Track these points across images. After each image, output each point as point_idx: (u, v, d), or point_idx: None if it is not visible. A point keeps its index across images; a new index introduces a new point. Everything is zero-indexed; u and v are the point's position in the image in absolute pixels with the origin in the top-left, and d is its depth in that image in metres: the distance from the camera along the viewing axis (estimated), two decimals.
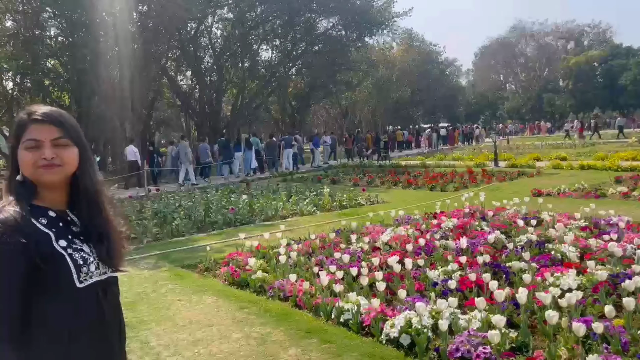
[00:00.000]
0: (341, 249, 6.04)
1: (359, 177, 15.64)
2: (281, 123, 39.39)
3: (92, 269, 1.38)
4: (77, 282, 1.34)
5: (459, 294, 4.29)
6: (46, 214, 1.36)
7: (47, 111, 1.40)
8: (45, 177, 1.36)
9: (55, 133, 1.37)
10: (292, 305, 4.59)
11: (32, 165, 1.34)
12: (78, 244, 1.38)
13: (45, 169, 1.34)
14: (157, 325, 4.23)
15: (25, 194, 1.35)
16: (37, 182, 1.37)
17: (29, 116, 1.38)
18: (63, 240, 1.35)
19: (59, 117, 1.40)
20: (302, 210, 9.91)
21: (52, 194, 1.40)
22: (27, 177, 1.36)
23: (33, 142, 1.34)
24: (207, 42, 30.37)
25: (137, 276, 5.86)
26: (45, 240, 1.32)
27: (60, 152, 1.37)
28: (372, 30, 33.31)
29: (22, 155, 1.35)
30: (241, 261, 5.84)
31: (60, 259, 1.32)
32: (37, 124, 1.36)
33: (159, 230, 8.32)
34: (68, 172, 1.40)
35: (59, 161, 1.36)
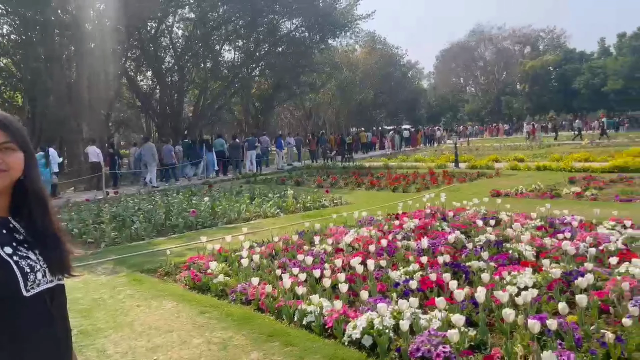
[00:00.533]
0: (304, 251, 6.02)
1: (323, 179, 15.68)
2: (245, 124, 39.06)
3: (39, 277, 1.32)
4: (24, 291, 1.29)
5: (420, 294, 4.35)
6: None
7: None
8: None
9: (1, 137, 1.32)
10: (254, 308, 4.54)
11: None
12: (23, 251, 1.33)
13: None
14: (114, 332, 4.10)
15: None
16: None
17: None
18: (8, 247, 1.30)
19: (3, 121, 1.35)
20: (265, 213, 9.85)
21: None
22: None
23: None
24: (168, 42, 29.80)
25: (94, 282, 5.68)
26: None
27: (6, 157, 1.32)
28: (335, 33, 33.46)
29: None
30: (202, 265, 5.74)
31: (5, 266, 1.27)
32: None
33: (117, 235, 8.10)
34: (13, 178, 1.34)
35: (5, 166, 1.31)
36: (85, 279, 5.83)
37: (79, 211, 10.08)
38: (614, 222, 6.39)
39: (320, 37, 32.78)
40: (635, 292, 3.98)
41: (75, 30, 19.49)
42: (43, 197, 1.42)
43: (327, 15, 30.38)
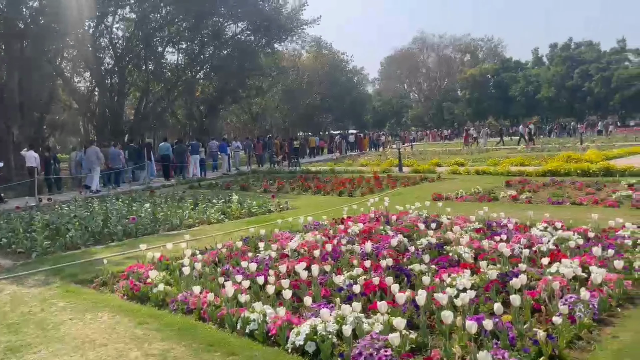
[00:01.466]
0: (249, 258, 5.94)
1: (270, 184, 15.58)
2: (189, 128, 38.26)
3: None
4: None
5: (363, 298, 4.38)
6: None
7: None
8: None
9: None
10: (196, 318, 4.42)
11: None
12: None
13: None
14: (45, 348, 3.87)
15: None
16: None
17: None
18: None
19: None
20: (209, 219, 9.65)
21: None
22: None
23: None
24: (108, 43, 28.75)
25: (24, 294, 5.35)
26: None
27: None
28: (280, 37, 33.51)
29: None
30: (142, 274, 5.54)
31: None
32: None
33: (50, 244, 7.68)
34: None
35: None
36: (13, 291, 5.49)
37: (9, 219, 9.51)
38: (546, 224, 6.70)
39: (266, 41, 32.71)
40: (565, 291, 4.18)
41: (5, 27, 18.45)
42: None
43: (272, 20, 30.34)
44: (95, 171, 16.23)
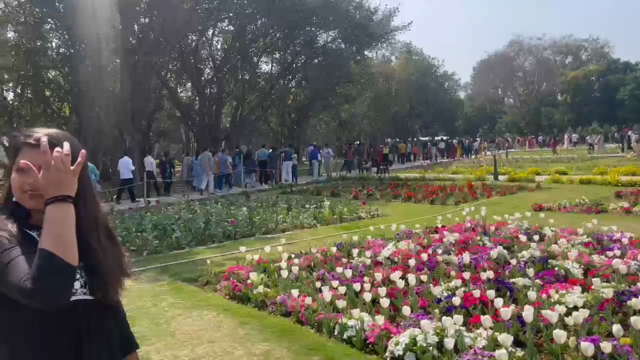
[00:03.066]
0: (343, 264, 6.00)
1: (359, 190, 15.62)
2: (280, 135, 39.47)
3: (76, 287, 1.30)
4: None
5: (463, 311, 4.26)
6: (38, 230, 1.30)
7: (42, 136, 1.32)
8: (28, 203, 1.33)
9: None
10: (294, 321, 4.54)
11: (19, 190, 1.33)
12: None
13: (30, 195, 1.31)
14: (158, 341, 4.17)
15: (19, 213, 1.34)
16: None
17: (24, 139, 1.36)
18: None
19: (54, 142, 1.32)
20: (302, 224, 9.87)
21: (42, 216, 1.34)
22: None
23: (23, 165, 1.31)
24: (208, 54, 30.52)
25: (138, 290, 5.80)
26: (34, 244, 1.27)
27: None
28: (371, 44, 33.59)
29: (13, 178, 1.34)
30: (242, 275, 5.78)
31: None
32: (29, 148, 1.33)
33: (158, 243, 8.26)
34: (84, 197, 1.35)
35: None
36: (129, 286, 5.95)
37: (123, 219, 10.36)
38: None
39: (356, 49, 32.90)
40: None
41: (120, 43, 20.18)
42: (88, 222, 1.39)
43: (363, 27, 30.48)
44: (208, 175, 17.63)
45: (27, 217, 1.36)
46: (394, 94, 48.74)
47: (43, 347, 1.30)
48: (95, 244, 1.39)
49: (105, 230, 1.45)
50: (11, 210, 1.35)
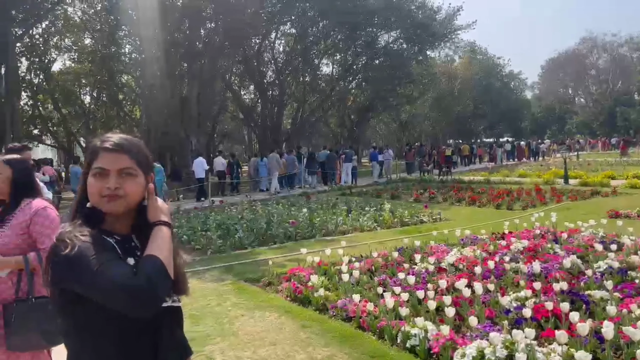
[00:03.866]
0: (405, 269, 5.88)
1: (420, 193, 15.33)
2: (340, 136, 39.54)
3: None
4: None
5: (533, 324, 4.04)
6: (112, 236, 1.37)
7: (119, 140, 1.39)
8: (106, 207, 1.35)
9: (124, 163, 1.36)
10: (355, 326, 4.49)
11: (97, 194, 1.34)
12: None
13: (108, 200, 1.34)
14: (221, 341, 4.25)
15: (93, 218, 1.36)
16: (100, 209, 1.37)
17: (101, 144, 1.38)
18: (131, 258, 1.34)
19: (130, 147, 1.39)
20: (362, 226, 9.80)
21: (117, 221, 1.40)
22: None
23: (101, 170, 1.35)
24: (270, 57, 31.07)
25: (202, 289, 5.96)
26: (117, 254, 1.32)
27: (125, 183, 1.35)
28: (433, 44, 32.99)
29: (90, 183, 1.35)
30: (303, 277, 5.80)
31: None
32: (107, 153, 1.36)
33: (222, 243, 8.46)
34: (130, 204, 1.38)
35: (122, 192, 1.35)
36: (193, 285, 6.13)
37: (188, 219, 10.70)
38: None
39: (418, 49, 32.43)
40: None
41: (188, 48, 20.94)
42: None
43: (425, 27, 29.99)
44: (274, 175, 18.22)
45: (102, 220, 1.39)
46: (457, 94, 47.58)
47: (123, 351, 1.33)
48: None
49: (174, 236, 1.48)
50: (85, 215, 1.37)
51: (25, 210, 2.56)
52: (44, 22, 24.63)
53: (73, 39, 27.49)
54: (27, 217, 2.54)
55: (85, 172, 1.40)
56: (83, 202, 1.40)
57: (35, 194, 2.67)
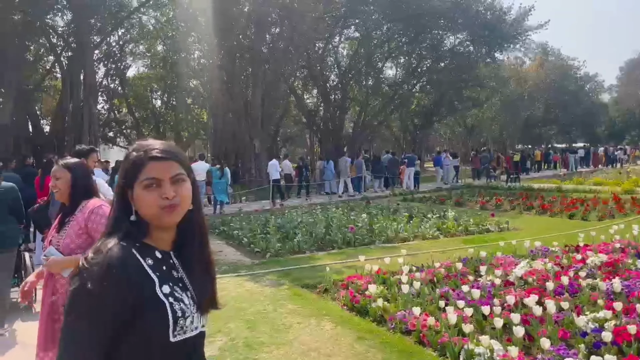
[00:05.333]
0: (469, 282, 5.58)
1: (486, 200, 14.70)
2: (402, 140, 38.91)
3: (187, 323, 1.28)
4: (171, 336, 1.24)
5: (614, 349, 3.67)
6: (153, 254, 1.29)
7: (165, 147, 1.33)
8: (167, 218, 1.29)
9: (174, 169, 1.30)
10: (415, 340, 4.27)
11: (154, 206, 1.27)
12: (179, 292, 1.29)
13: (168, 210, 1.27)
14: (276, 349, 4.16)
15: (136, 233, 1.29)
16: (154, 222, 1.30)
17: (146, 154, 1.30)
18: (166, 286, 1.27)
19: (176, 152, 1.34)
20: (424, 234, 9.48)
21: (164, 234, 1.33)
22: (139, 216, 1.29)
23: (153, 180, 1.27)
24: (333, 61, 31.11)
25: (259, 293, 5.93)
26: (150, 285, 1.24)
27: (179, 189, 1.29)
28: (502, 46, 31.70)
29: (142, 196, 1.27)
30: (361, 285, 5.63)
31: (160, 307, 1.24)
32: (155, 162, 1.29)
33: (281, 246, 8.45)
34: (185, 209, 1.32)
35: (179, 200, 1.29)
36: (251, 289, 6.13)
37: (249, 221, 10.81)
38: None
39: (486, 51, 31.29)
40: None
41: (253, 53, 21.34)
42: (205, 227, 1.42)
43: (494, 28, 28.88)
44: (346, 178, 18.34)
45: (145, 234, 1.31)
46: (527, 97, 45.57)
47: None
48: (206, 252, 1.42)
49: (207, 236, 1.45)
50: (126, 231, 1.29)
51: (83, 210, 2.71)
52: (120, 30, 25.99)
53: (146, 45, 28.85)
54: (84, 217, 2.67)
55: (123, 184, 1.31)
56: (120, 216, 1.32)
57: (92, 195, 2.76)
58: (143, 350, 1.22)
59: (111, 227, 1.32)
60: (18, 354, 4.37)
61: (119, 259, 1.21)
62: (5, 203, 5.03)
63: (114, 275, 1.18)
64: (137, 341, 1.22)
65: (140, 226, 1.30)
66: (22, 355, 4.27)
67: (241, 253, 8.53)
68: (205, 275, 1.40)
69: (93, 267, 1.19)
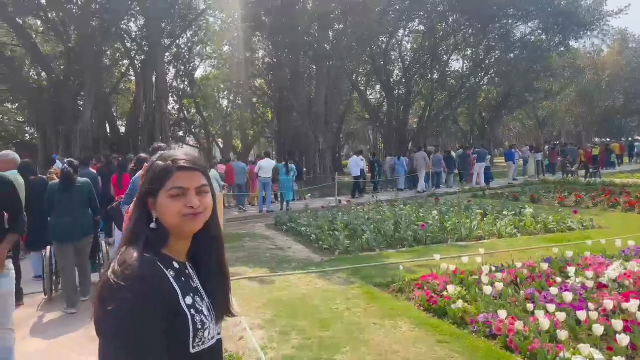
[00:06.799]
0: (555, 283, 5.18)
1: (564, 196, 13.84)
2: (470, 135, 37.67)
3: (206, 334, 1.31)
4: (191, 347, 1.27)
5: None
6: (172, 265, 1.31)
7: (191, 157, 1.36)
8: (189, 226, 1.31)
9: (200, 180, 1.33)
10: (500, 345, 3.98)
11: (178, 214, 1.29)
12: (198, 303, 1.32)
13: (192, 218, 1.30)
14: (352, 351, 4.00)
15: (156, 242, 1.30)
16: (175, 230, 1.31)
17: (174, 163, 1.32)
18: (188, 297, 1.29)
19: (201, 163, 1.38)
20: (499, 232, 9.00)
21: (181, 243, 1.36)
22: (160, 224, 1.31)
23: (180, 190, 1.30)
24: (397, 55, 30.58)
25: (330, 291, 5.80)
26: (174, 296, 1.26)
27: (202, 199, 1.32)
28: (578, 33, 29.85)
29: (166, 204, 1.29)
30: (436, 285, 5.37)
31: (182, 319, 1.25)
32: (182, 171, 1.31)
33: (349, 243, 8.30)
34: (206, 219, 1.35)
35: (202, 209, 1.32)
36: (322, 286, 6.02)
37: (316, 217, 10.74)
38: None
39: (559, 39, 29.62)
40: None
41: (316, 50, 21.31)
42: (221, 236, 1.45)
43: (568, 15, 27.24)
44: (421, 173, 18.05)
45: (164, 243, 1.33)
46: (605, 87, 42.75)
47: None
48: (222, 259, 1.45)
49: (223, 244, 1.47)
50: (146, 240, 1.28)
51: None
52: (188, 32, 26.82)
53: (213, 46, 29.63)
54: None
55: (147, 191, 1.33)
56: (141, 223, 1.32)
57: None
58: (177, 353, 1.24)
59: (131, 234, 1.32)
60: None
61: (150, 271, 1.22)
62: (83, 196, 5.72)
63: (149, 288, 1.19)
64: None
65: (160, 234, 1.31)
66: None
67: (310, 250, 8.46)
68: (221, 284, 1.43)
69: (126, 281, 1.17)
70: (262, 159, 14.74)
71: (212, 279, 1.40)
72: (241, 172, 15.31)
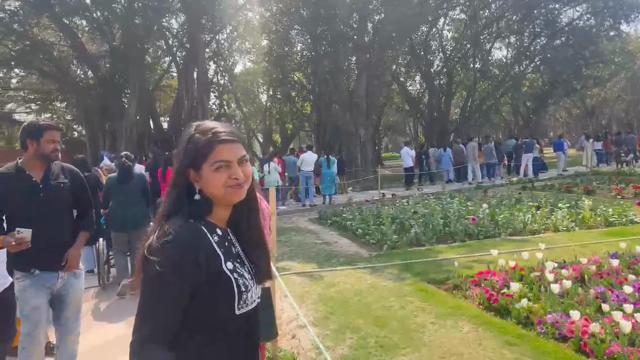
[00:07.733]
0: (627, 281, 4.83)
1: (622, 187, 13.14)
2: (514, 125, 36.52)
3: (249, 297, 1.39)
4: (237, 309, 1.36)
5: None
6: (216, 231, 1.39)
7: (230, 129, 1.41)
8: (235, 196, 1.38)
9: (241, 151, 1.39)
10: (574, 349, 3.71)
11: (223, 186, 1.35)
12: (239, 268, 1.39)
13: (236, 189, 1.37)
14: (413, 352, 3.82)
15: (200, 211, 1.38)
16: (220, 200, 1.38)
17: (215, 136, 1.36)
18: (230, 262, 1.37)
19: (239, 135, 1.42)
20: (555, 225, 8.58)
21: (224, 211, 1.43)
22: (204, 195, 1.37)
23: (223, 162, 1.35)
24: (438, 45, 29.89)
25: (382, 287, 5.62)
26: (216, 261, 1.34)
27: (245, 169, 1.38)
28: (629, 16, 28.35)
29: (211, 176, 1.35)
30: (496, 282, 5.11)
31: (227, 282, 1.34)
32: (224, 144, 1.36)
33: (397, 238, 8.07)
34: (248, 187, 1.41)
35: (245, 179, 1.38)
36: (373, 283, 5.84)
37: (360, 211, 10.55)
38: None
39: (610, 24, 28.23)
40: None
41: (356, 41, 21.02)
42: (257, 204, 1.51)
43: None
44: (473, 165, 17.80)
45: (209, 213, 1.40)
46: None
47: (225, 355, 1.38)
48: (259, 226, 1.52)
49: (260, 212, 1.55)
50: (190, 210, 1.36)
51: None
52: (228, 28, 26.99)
53: (252, 41, 29.74)
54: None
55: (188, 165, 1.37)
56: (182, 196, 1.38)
57: None
58: (210, 322, 1.33)
59: (173, 206, 1.37)
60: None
61: (191, 236, 1.30)
62: (139, 187, 6.06)
63: (188, 252, 1.26)
64: (205, 315, 1.32)
65: (205, 204, 1.38)
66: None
67: (357, 245, 8.29)
68: (260, 249, 1.50)
69: (165, 245, 1.25)
70: (305, 152, 14.64)
71: (256, 248, 1.48)
72: (292, 165, 15.21)
